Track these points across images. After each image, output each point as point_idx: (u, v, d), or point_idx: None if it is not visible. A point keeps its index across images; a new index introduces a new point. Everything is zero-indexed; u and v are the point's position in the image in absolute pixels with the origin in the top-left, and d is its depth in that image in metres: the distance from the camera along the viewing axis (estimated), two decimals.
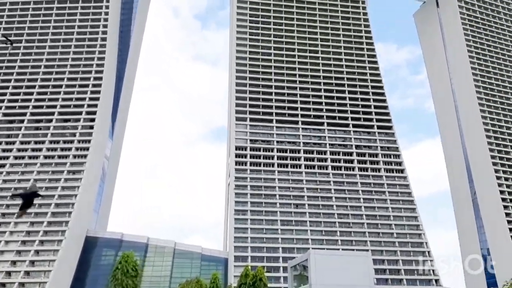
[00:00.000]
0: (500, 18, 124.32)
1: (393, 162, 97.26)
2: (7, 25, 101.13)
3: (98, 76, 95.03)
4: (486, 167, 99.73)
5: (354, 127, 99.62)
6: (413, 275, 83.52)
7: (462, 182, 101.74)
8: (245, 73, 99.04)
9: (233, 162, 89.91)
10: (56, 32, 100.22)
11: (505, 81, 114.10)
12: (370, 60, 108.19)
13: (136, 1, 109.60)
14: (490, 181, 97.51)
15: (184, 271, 75.35)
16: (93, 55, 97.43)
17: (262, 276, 43.68)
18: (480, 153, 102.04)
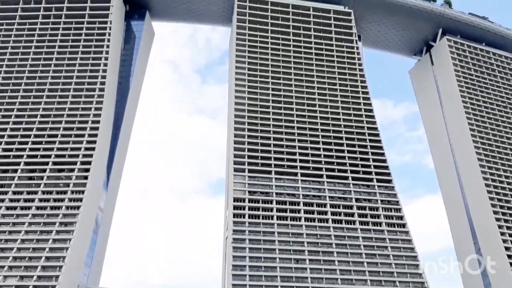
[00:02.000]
0: (494, 75, 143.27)
1: (394, 216, 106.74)
2: (6, 75, 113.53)
3: (95, 126, 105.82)
4: (489, 224, 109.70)
5: (353, 180, 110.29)
6: None
7: (465, 240, 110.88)
8: (243, 124, 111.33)
9: (231, 215, 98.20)
10: (54, 82, 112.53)
11: (503, 136, 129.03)
12: (367, 115, 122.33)
13: (136, 54, 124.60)
14: (494, 238, 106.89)
15: None
16: (90, 105, 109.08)
17: None
18: (482, 209, 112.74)
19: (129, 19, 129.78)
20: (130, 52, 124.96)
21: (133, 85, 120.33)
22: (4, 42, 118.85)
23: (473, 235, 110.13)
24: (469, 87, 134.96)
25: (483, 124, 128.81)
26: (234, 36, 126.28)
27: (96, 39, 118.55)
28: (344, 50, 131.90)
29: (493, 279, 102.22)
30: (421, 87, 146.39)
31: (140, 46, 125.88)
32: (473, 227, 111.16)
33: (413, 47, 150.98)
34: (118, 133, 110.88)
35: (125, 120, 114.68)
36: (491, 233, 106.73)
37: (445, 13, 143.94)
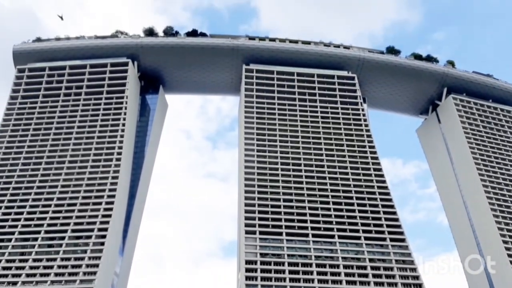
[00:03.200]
0: (504, 131, 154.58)
1: (410, 276, 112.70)
2: (29, 149, 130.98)
3: (111, 194, 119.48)
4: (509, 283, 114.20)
5: (366, 240, 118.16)
6: None
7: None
8: (253, 187, 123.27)
9: (243, 277, 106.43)
10: (74, 154, 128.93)
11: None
12: (377, 174, 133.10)
13: (150, 125, 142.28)
14: None
15: None
16: (107, 175, 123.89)
17: None
18: (503, 271, 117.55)
19: (144, 93, 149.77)
20: (145, 124, 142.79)
21: (147, 154, 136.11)
22: (28, 119, 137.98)
23: None
24: (479, 143, 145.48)
25: (496, 180, 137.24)
26: (243, 104, 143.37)
27: (113, 113, 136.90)
28: (349, 112, 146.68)
29: None
30: (429, 145, 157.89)
31: (154, 117, 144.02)
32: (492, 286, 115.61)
33: (419, 107, 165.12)
34: (134, 200, 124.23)
35: (140, 187, 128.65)
36: None
37: (449, 72, 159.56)
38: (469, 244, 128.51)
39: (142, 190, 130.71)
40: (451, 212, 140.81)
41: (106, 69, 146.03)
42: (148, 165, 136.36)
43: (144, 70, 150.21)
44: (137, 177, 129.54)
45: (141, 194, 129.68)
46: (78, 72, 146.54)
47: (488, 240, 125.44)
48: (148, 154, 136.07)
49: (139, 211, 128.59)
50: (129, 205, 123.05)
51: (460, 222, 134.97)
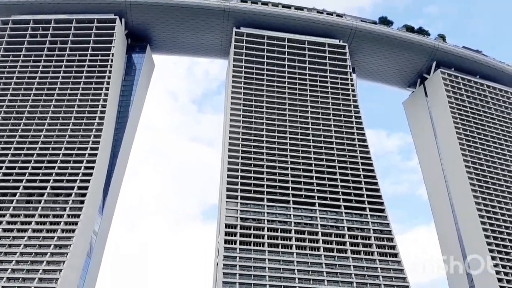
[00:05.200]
0: (488, 107, 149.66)
1: (387, 246, 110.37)
2: (10, 103, 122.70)
3: (93, 153, 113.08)
4: (482, 258, 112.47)
5: (346, 209, 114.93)
6: None
7: (458, 272, 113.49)
8: (237, 152, 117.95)
9: (223, 241, 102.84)
10: (56, 110, 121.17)
11: (497, 167, 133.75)
12: (361, 144, 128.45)
13: (136, 85, 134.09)
14: (487, 274, 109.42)
15: None
16: (90, 133, 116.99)
17: None
18: (476, 240, 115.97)
19: (131, 52, 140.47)
20: (130, 83, 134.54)
21: (131, 114, 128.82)
22: (10, 72, 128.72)
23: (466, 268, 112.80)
24: (463, 119, 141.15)
25: (477, 156, 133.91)
26: (231, 67, 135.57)
27: (98, 71, 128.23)
28: (338, 82, 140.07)
29: None
30: (415, 118, 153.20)
31: (140, 77, 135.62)
32: (466, 258, 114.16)
33: (407, 79, 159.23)
34: (116, 159, 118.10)
35: (123, 147, 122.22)
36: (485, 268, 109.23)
37: (439, 46, 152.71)
38: (446, 217, 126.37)
39: (125, 150, 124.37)
40: (431, 185, 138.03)
41: (92, 25, 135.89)
42: (131, 125, 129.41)
43: (131, 28, 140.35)
44: (120, 137, 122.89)
45: (124, 153, 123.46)
46: (64, 27, 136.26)
47: (464, 213, 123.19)
48: (132, 114, 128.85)
49: (121, 170, 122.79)
50: (111, 164, 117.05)
51: (439, 195, 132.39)
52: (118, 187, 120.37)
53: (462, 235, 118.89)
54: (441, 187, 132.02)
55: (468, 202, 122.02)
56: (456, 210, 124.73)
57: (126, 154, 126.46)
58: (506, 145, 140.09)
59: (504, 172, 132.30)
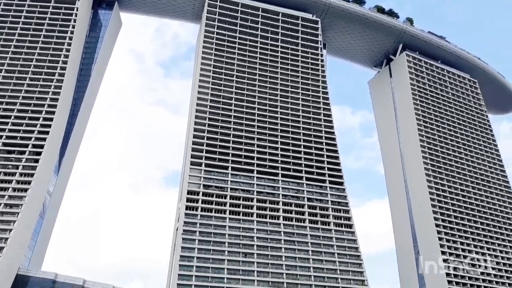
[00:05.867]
0: (447, 92, 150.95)
1: (343, 217, 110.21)
2: None
3: (51, 110, 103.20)
4: (429, 228, 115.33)
5: (307, 180, 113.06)
6: None
7: (406, 242, 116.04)
8: (204, 119, 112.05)
9: (184, 207, 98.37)
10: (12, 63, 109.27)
11: (449, 149, 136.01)
12: (326, 119, 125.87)
13: (100, 42, 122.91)
14: (432, 242, 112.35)
15: None
16: (48, 89, 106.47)
17: None
18: (424, 215, 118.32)
19: (97, 7, 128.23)
20: (95, 40, 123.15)
21: (94, 72, 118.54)
22: None
23: (413, 238, 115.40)
24: (423, 101, 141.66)
25: (432, 136, 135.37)
26: (202, 33, 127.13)
27: (60, 24, 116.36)
28: (309, 56, 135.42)
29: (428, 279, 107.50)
30: (378, 98, 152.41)
31: (105, 35, 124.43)
32: (414, 231, 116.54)
33: (374, 59, 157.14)
34: (75, 119, 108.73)
35: (83, 106, 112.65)
36: (430, 237, 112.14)
37: (407, 29, 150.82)
38: (399, 192, 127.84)
39: (85, 110, 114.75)
40: (388, 162, 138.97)
41: None
42: (93, 84, 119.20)
43: None
44: (81, 95, 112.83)
45: (84, 113, 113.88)
46: None
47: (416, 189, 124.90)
48: (95, 73, 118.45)
49: (80, 130, 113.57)
50: (70, 123, 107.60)
51: (394, 172, 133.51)
52: (76, 148, 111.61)
53: (413, 209, 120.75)
54: (397, 164, 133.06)
55: (420, 179, 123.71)
56: (409, 186, 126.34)
57: (87, 114, 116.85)
58: (459, 129, 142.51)
59: (455, 154, 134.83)
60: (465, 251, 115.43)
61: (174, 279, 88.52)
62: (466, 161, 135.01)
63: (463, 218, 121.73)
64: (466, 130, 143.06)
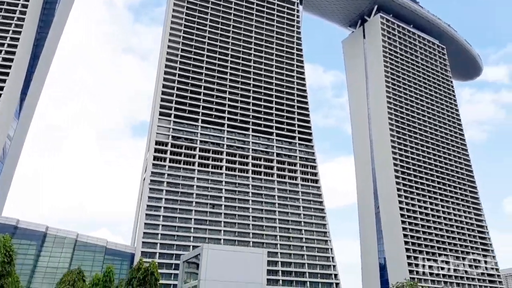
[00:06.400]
0: (416, 56, 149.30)
1: (309, 173, 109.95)
2: None
3: (11, 50, 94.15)
4: (390, 186, 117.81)
5: (277, 136, 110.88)
6: (316, 278, 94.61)
7: (368, 198, 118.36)
8: (175, 69, 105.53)
9: (151, 157, 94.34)
10: None
11: (414, 111, 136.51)
12: (299, 76, 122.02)
13: None
14: (392, 199, 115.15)
15: (85, 264, 76.19)
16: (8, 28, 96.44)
17: (154, 270, 42.29)
18: (386, 173, 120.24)
19: None
20: None
21: (58, 13, 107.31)
22: None
23: (375, 195, 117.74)
24: (393, 64, 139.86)
25: (399, 99, 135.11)
26: None
27: None
28: (284, 11, 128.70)
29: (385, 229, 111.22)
30: (351, 58, 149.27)
31: None
32: (376, 188, 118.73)
33: (349, 19, 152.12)
34: (37, 60, 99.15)
35: (46, 49, 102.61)
36: (390, 194, 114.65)
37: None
38: (364, 151, 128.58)
39: (48, 52, 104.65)
40: (356, 121, 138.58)
41: None
42: (57, 26, 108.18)
43: None
44: (44, 36, 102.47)
45: (47, 56, 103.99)
46: None
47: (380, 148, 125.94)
48: (58, 14, 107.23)
49: (43, 74, 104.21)
50: (32, 66, 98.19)
51: (361, 131, 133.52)
52: (38, 92, 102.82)
53: (376, 168, 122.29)
54: (364, 124, 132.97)
55: (385, 140, 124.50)
56: (374, 145, 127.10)
57: (50, 56, 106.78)
58: (425, 93, 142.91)
59: (419, 116, 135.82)
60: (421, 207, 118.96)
61: (140, 228, 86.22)
62: (429, 124, 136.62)
63: (422, 177, 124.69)
64: (431, 94, 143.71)
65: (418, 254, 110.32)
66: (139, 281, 41.29)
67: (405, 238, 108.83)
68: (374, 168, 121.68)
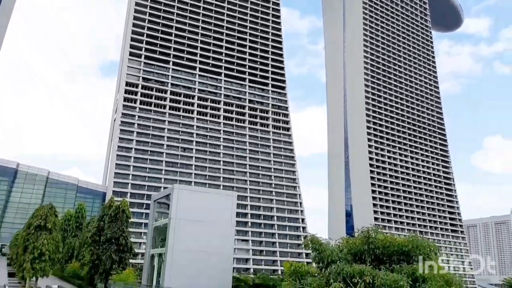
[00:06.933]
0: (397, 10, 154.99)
1: (281, 121, 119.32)
2: None
3: None
4: (361, 135, 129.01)
5: (250, 82, 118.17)
6: (284, 222, 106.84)
7: (338, 147, 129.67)
8: (145, 8, 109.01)
9: (122, 98, 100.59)
10: None
11: (390, 61, 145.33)
12: (274, 21, 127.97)
13: None
14: (362, 148, 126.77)
15: (57, 201, 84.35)
16: None
17: (125, 208, 44.50)
18: (358, 123, 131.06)
19: None
20: None
21: None
22: None
23: (345, 145, 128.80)
24: (372, 11, 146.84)
25: (376, 48, 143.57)
26: None
27: None
28: None
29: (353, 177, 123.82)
30: (329, 4, 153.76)
31: None
32: (347, 137, 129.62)
33: None
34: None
35: None
36: (361, 143, 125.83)
37: None
38: (338, 100, 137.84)
39: None
40: (331, 70, 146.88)
41: None
42: None
43: None
44: None
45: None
46: None
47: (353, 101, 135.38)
48: None
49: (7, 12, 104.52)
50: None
51: (336, 80, 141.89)
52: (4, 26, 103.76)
53: (348, 118, 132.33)
54: (339, 73, 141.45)
55: (359, 89, 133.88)
56: (348, 95, 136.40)
57: None
58: (403, 43, 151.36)
59: (395, 67, 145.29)
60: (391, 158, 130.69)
61: (112, 168, 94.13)
62: (404, 75, 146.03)
63: (393, 128, 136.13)
64: (409, 45, 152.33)
65: (384, 202, 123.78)
66: (110, 217, 44.32)
67: (372, 187, 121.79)
68: (346, 118, 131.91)
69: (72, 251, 58.44)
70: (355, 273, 13.70)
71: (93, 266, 41.34)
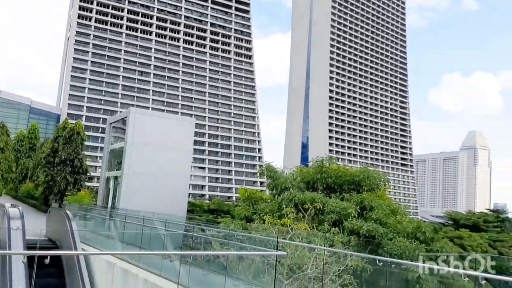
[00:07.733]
0: None
1: (244, 47, 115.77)
2: None
3: None
4: (323, 67, 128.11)
5: (212, 4, 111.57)
6: (241, 151, 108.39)
7: (300, 77, 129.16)
8: None
9: (76, 15, 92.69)
10: None
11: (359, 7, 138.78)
12: None
13: None
14: (323, 80, 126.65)
15: (10, 121, 79.71)
16: None
17: (80, 130, 43.98)
18: (321, 53, 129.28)
19: None
20: None
21: None
22: None
23: (307, 75, 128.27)
24: None
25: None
26: None
27: None
28: None
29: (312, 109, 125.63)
30: None
31: None
32: (309, 67, 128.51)
33: None
34: None
35: None
36: (323, 75, 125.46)
37: None
38: (303, 28, 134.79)
39: None
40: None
41: None
42: None
43: None
44: None
45: None
46: None
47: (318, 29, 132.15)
48: None
49: None
50: None
51: (302, 8, 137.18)
52: None
53: (312, 46, 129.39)
54: None
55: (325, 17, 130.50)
56: (313, 22, 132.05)
57: None
58: None
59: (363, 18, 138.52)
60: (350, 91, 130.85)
61: (66, 89, 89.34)
62: (372, 4, 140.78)
63: (356, 60, 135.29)
64: None
65: (340, 135, 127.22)
66: (64, 139, 43.43)
67: (330, 119, 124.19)
68: (310, 48, 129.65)
69: (26, 171, 57.50)
70: (307, 200, 14.17)
71: (48, 187, 40.94)
